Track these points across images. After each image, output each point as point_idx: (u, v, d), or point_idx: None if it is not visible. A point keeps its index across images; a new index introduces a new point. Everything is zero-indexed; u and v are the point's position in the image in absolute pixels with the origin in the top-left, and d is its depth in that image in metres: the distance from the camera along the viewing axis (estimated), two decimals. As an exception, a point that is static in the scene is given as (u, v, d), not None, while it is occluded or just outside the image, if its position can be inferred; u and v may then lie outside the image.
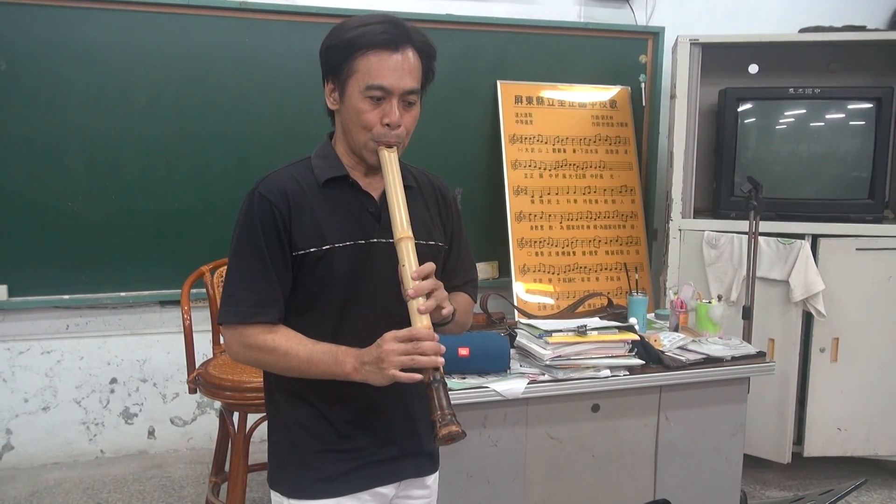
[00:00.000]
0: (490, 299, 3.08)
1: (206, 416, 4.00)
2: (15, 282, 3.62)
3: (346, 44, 1.59)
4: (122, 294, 3.78)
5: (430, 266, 1.56)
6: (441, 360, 1.51)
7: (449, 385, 2.26)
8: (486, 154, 4.14)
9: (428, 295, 1.54)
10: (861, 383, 3.64)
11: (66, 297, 3.71)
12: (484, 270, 4.22)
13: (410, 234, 1.57)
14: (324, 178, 1.66)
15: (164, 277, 3.75)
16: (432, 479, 1.83)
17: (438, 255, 1.76)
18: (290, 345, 1.60)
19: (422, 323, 1.52)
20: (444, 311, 1.59)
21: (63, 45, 3.55)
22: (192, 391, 3.03)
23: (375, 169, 1.67)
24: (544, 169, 4.06)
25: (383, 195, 1.67)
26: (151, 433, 3.95)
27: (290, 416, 1.69)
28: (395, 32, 1.59)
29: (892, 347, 3.62)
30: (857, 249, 3.57)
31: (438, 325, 1.60)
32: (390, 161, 1.61)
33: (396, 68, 1.58)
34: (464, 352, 2.39)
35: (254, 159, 3.71)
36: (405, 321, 1.55)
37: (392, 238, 1.60)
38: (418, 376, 1.49)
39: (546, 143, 4.08)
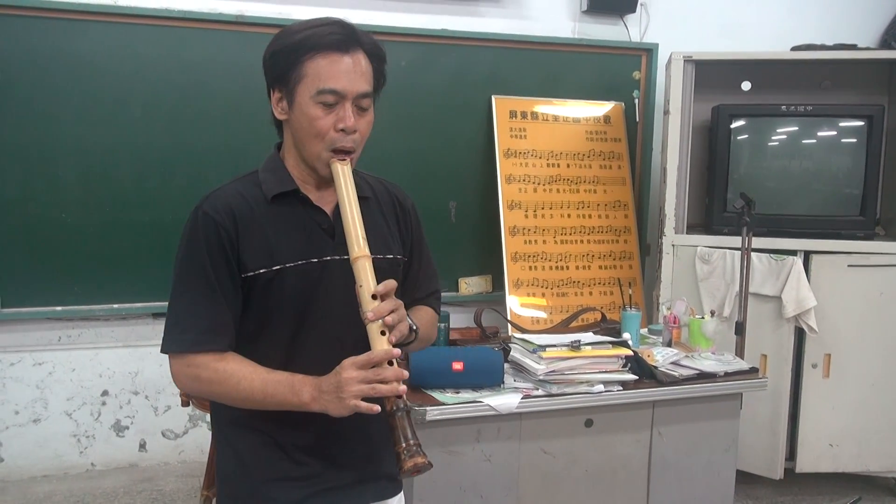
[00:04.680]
0: (484, 313, 3.08)
1: (197, 429, 3.98)
2: (7, 293, 3.60)
3: (292, 47, 1.50)
4: (115, 306, 3.76)
5: (390, 284, 1.48)
6: (403, 387, 1.43)
7: (443, 399, 2.29)
8: (480, 168, 4.15)
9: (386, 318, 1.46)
10: (853, 399, 3.64)
11: (59, 308, 3.68)
12: (478, 284, 4.23)
13: (367, 252, 1.49)
14: (272, 194, 1.56)
15: (157, 289, 3.72)
16: (396, 500, 1.74)
17: (398, 268, 1.68)
18: (244, 374, 1.50)
19: (382, 347, 1.44)
20: (403, 331, 1.50)
21: (59, 57, 3.55)
22: (185, 404, 3.02)
23: (327, 181, 1.57)
24: (538, 183, 4.07)
25: (336, 209, 1.58)
26: (143, 446, 3.93)
27: (240, 444, 1.60)
28: (343, 34, 1.50)
29: (883, 363, 3.63)
30: (848, 266, 3.59)
31: (401, 345, 1.50)
32: (343, 174, 1.52)
33: (348, 71, 1.49)
34: (458, 366, 2.37)
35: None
36: (362, 344, 1.47)
37: (346, 255, 1.52)
38: (377, 407, 1.42)
39: (540, 157, 4.10)
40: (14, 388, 3.72)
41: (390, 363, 1.44)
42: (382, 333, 1.45)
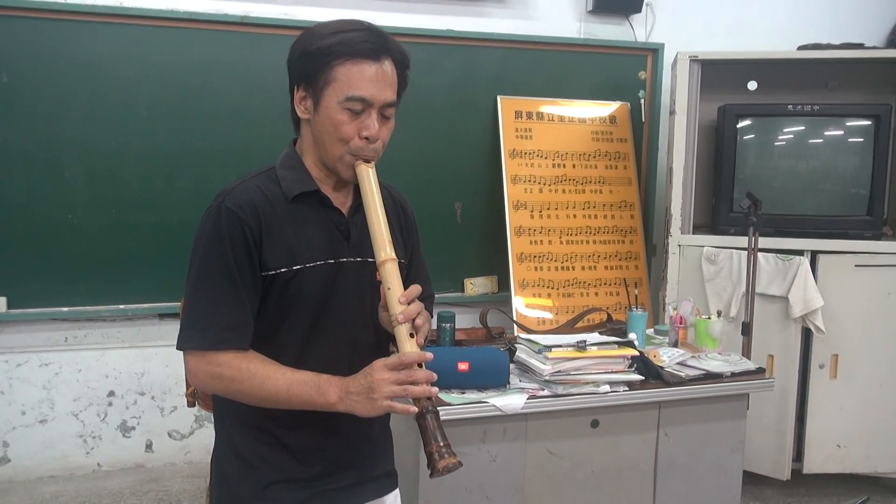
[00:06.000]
0: (489, 314, 3.07)
1: (203, 430, 3.98)
2: (14, 294, 3.61)
3: (324, 51, 1.50)
4: (121, 307, 3.76)
5: (416, 289, 1.50)
6: (435, 389, 1.44)
7: (448, 400, 2.29)
8: (485, 169, 4.15)
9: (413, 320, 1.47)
10: (860, 400, 3.63)
11: (65, 309, 3.69)
12: (483, 285, 4.23)
13: (394, 255, 1.50)
14: (293, 194, 1.56)
15: (164, 290, 3.74)
16: (392, 496, 1.77)
17: (401, 272, 1.62)
18: (268, 373, 1.49)
19: (413, 349, 1.45)
20: (426, 333, 1.52)
21: (65, 58, 3.56)
22: (191, 404, 3.02)
23: (345, 182, 1.59)
24: (544, 184, 4.07)
25: (351, 211, 1.61)
26: (149, 446, 3.92)
27: (244, 445, 1.60)
28: (376, 42, 1.52)
29: (891, 364, 3.61)
30: (855, 266, 3.57)
31: None
32: (370, 177, 1.53)
33: (377, 79, 1.51)
34: (463, 366, 2.36)
35: (254, 173, 3.69)
36: (373, 345, 1.50)
37: (360, 257, 1.55)
38: (414, 408, 1.43)
39: (546, 158, 4.09)
40: (21, 388, 3.71)
41: (419, 365, 1.46)
42: (411, 336, 1.46)
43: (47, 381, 3.75)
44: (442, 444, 1.42)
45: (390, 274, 1.49)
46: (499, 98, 4.08)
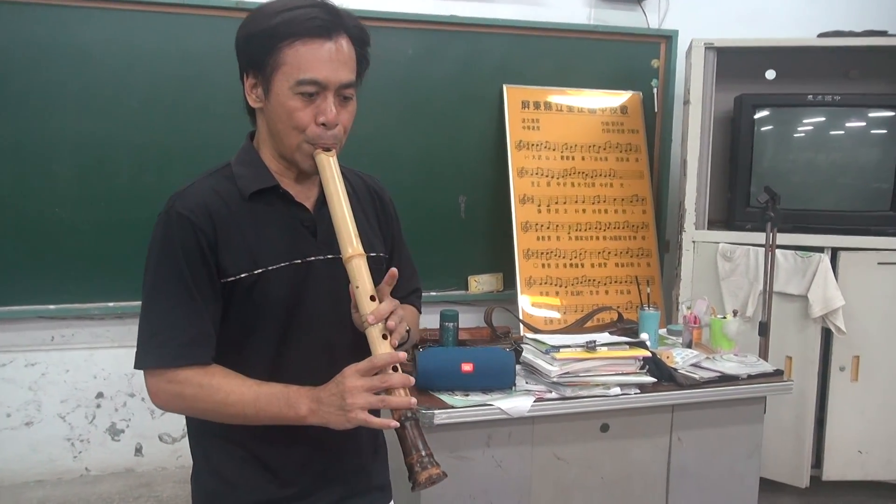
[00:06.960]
0: (495, 313, 3.04)
1: (196, 433, 3.90)
2: (-1, 290, 3.58)
3: (269, 32, 1.40)
4: (111, 304, 3.71)
5: (387, 286, 1.43)
6: (413, 400, 1.36)
7: (451, 402, 2.24)
8: (490, 161, 4.09)
9: (386, 319, 1.39)
10: (882, 403, 3.59)
11: (52, 306, 3.64)
12: (488, 282, 4.19)
13: (361, 250, 1.41)
14: (250, 191, 1.47)
15: (154, 287, 3.66)
16: None
17: (381, 266, 1.60)
18: (232, 388, 1.40)
19: (384, 350, 1.37)
20: (403, 333, 1.43)
21: (54, 46, 3.50)
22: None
23: (307, 174, 1.51)
24: (552, 177, 4.01)
25: (317, 205, 1.52)
26: (139, 450, 3.87)
27: (221, 463, 1.52)
28: (326, 18, 1.41)
29: (915, 366, 3.56)
30: (878, 263, 3.55)
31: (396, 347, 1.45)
32: (331, 167, 1.43)
33: (331, 59, 1.40)
34: (467, 367, 2.33)
35: (249, 165, 3.63)
36: (352, 348, 1.43)
37: (330, 254, 1.47)
38: (394, 423, 1.35)
39: (554, 150, 4.04)
40: (6, 389, 3.66)
41: (395, 369, 1.38)
42: (384, 337, 1.39)
43: (33, 381, 3.70)
44: (424, 453, 1.34)
45: (358, 271, 1.40)
46: (505, 87, 4.02)
